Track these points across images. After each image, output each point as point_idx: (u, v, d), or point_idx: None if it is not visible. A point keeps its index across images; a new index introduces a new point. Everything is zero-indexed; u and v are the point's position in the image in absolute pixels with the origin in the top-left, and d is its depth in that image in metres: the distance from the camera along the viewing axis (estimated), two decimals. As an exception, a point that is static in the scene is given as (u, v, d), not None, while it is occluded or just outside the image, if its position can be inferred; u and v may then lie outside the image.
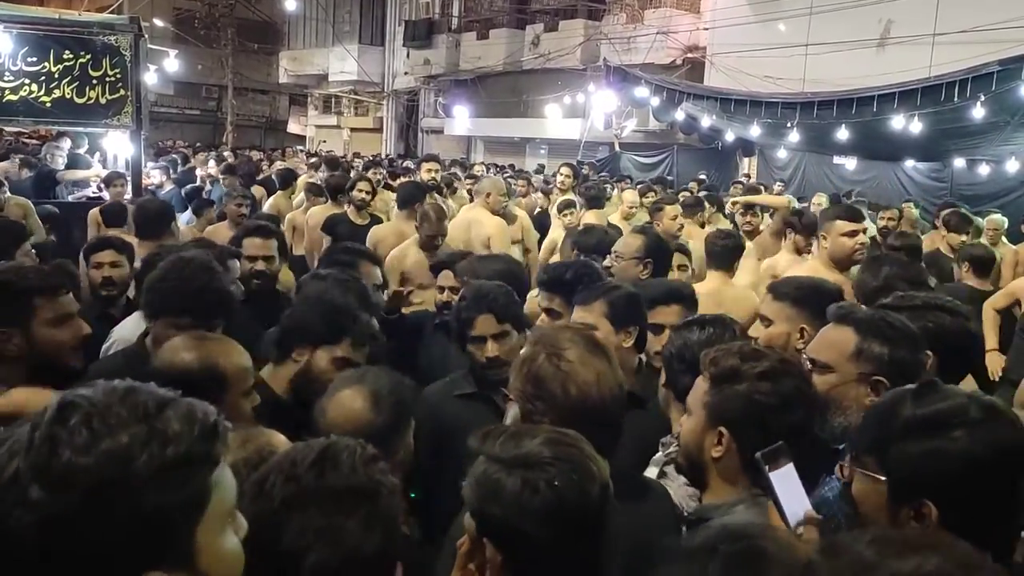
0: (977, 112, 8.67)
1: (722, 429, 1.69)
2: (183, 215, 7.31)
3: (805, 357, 2.05)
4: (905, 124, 9.50)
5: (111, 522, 0.94)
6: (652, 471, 2.14)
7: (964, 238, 6.08)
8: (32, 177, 8.61)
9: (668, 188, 10.46)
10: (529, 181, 10.76)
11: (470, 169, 14.90)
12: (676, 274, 3.95)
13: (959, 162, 12.11)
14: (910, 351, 1.95)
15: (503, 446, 1.35)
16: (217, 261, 2.78)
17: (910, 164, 13.08)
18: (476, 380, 2.63)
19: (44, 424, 0.96)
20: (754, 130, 12.05)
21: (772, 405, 1.67)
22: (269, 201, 8.55)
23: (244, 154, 18.36)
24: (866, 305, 2.50)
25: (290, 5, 23.07)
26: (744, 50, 15.41)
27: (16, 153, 9.93)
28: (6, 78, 6.98)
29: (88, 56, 7.20)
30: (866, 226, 3.95)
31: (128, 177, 7.90)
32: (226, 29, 28.27)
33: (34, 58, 7.04)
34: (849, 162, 14.04)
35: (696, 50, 17.89)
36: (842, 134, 10.45)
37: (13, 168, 8.72)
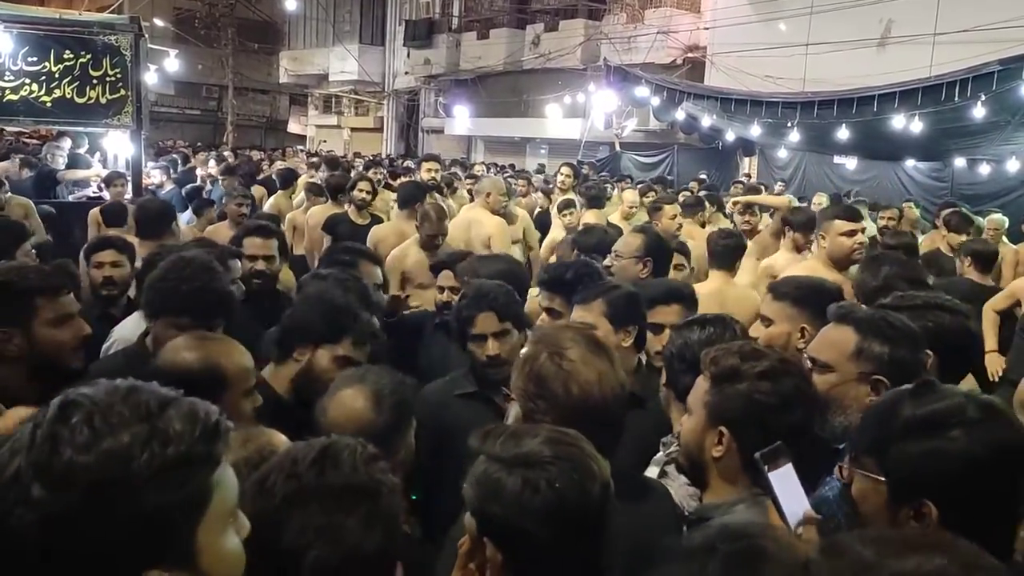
0: (978, 112, 8.67)
1: (722, 429, 1.69)
2: (183, 215, 7.30)
3: (805, 357, 2.06)
4: (906, 124, 9.50)
5: (112, 521, 0.94)
6: (653, 471, 2.14)
7: (964, 238, 6.08)
8: (32, 177, 8.59)
9: (668, 188, 10.46)
10: (529, 181, 10.76)
11: (470, 169, 14.90)
12: (673, 273, 3.94)
13: (960, 162, 12.11)
14: (910, 350, 1.95)
15: (503, 445, 1.35)
16: (218, 261, 2.78)
17: (911, 164, 13.08)
18: (477, 379, 2.63)
19: (46, 423, 0.96)
20: (754, 130, 12.05)
21: (772, 405, 1.67)
22: (270, 201, 8.55)
23: (244, 154, 18.37)
24: (866, 305, 2.50)
25: (290, 5, 23.02)
26: (744, 50, 15.40)
27: (16, 153, 9.91)
28: (7, 78, 6.98)
29: (88, 56, 7.20)
30: (864, 226, 3.94)
31: (128, 177, 7.90)
32: (226, 29, 28.27)
33: (35, 58, 7.05)
34: (850, 162, 14.04)
35: (696, 50, 17.89)
36: (843, 134, 10.45)
37: (13, 168, 8.70)
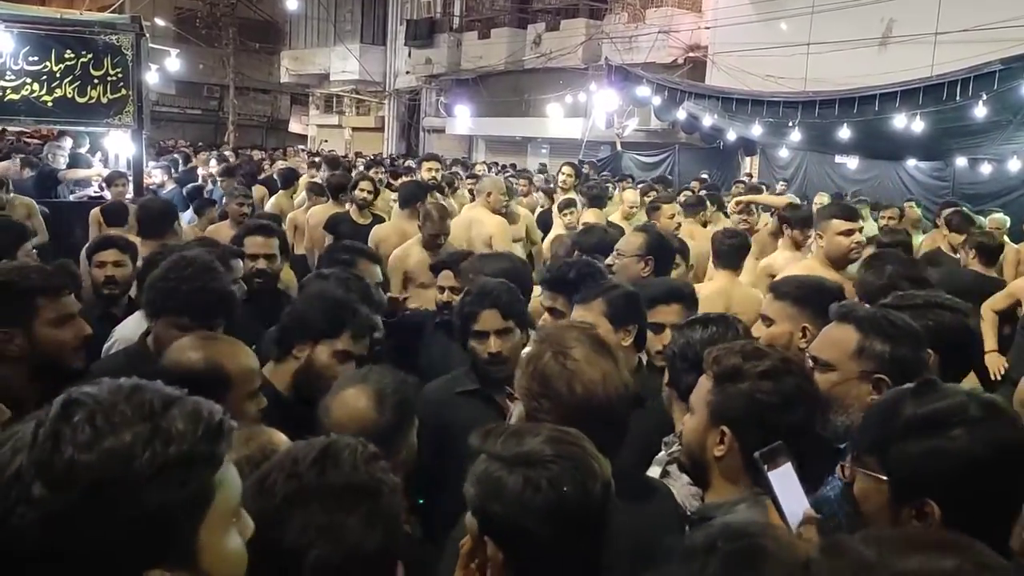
0: (979, 111, 8.66)
1: (724, 428, 1.69)
2: (184, 214, 7.29)
3: (807, 356, 2.05)
4: (907, 123, 9.49)
5: (113, 520, 0.93)
6: (655, 470, 2.14)
7: (964, 237, 6.08)
8: (34, 177, 8.59)
9: (668, 188, 10.47)
10: (530, 180, 10.77)
11: (472, 169, 14.90)
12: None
13: (961, 161, 12.10)
14: (912, 349, 1.95)
15: (504, 444, 1.35)
16: (220, 261, 2.78)
17: (912, 163, 13.08)
18: (478, 377, 2.63)
19: (48, 421, 0.96)
20: (756, 129, 12.04)
21: (774, 404, 1.67)
22: (271, 200, 8.55)
23: (246, 153, 18.39)
24: (870, 304, 2.50)
25: (291, 4, 23.00)
26: (746, 49, 15.39)
27: (17, 152, 9.92)
28: (8, 77, 6.99)
29: (90, 55, 7.21)
30: (862, 225, 3.95)
31: (130, 177, 7.90)
32: (227, 28, 28.29)
33: (36, 57, 7.06)
34: (851, 161, 14.03)
35: (698, 49, 17.89)
36: (844, 133, 10.44)
37: (15, 168, 8.70)
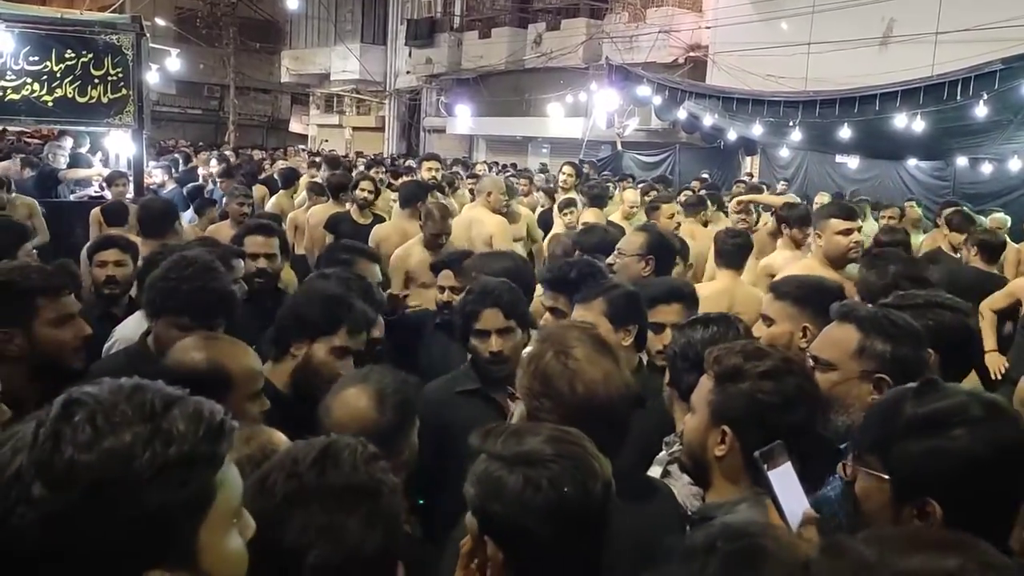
0: (980, 111, 8.66)
1: (725, 428, 1.69)
2: (185, 214, 7.30)
3: (808, 356, 2.05)
4: (908, 123, 9.49)
5: (112, 520, 0.93)
6: (656, 470, 2.14)
7: (965, 237, 6.07)
8: (34, 176, 8.60)
9: (668, 187, 10.47)
10: (531, 180, 10.77)
11: (472, 168, 14.90)
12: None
13: (962, 161, 12.09)
14: (913, 348, 1.95)
15: (505, 444, 1.35)
16: (221, 261, 2.78)
17: (912, 163, 13.07)
18: (479, 376, 2.62)
19: (49, 421, 0.96)
20: (756, 129, 12.04)
21: (774, 404, 1.66)
22: (272, 200, 8.55)
23: (246, 153, 18.40)
24: (872, 303, 2.50)
25: (292, 4, 22.95)
26: (746, 49, 15.39)
27: (18, 152, 9.93)
28: (8, 77, 6.99)
29: (90, 55, 7.21)
30: (861, 224, 3.95)
31: (130, 176, 7.91)
32: (228, 28, 28.28)
33: (36, 57, 7.05)
34: (851, 161, 14.03)
35: (698, 49, 17.89)
36: (844, 133, 10.43)
37: (15, 167, 8.71)
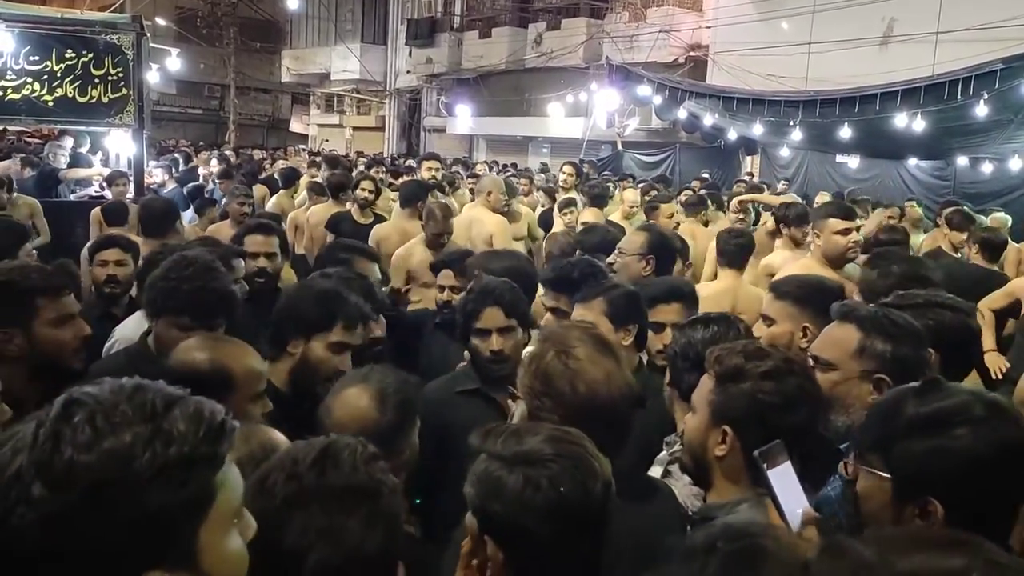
0: (980, 110, 8.65)
1: (726, 428, 1.69)
2: (185, 214, 7.30)
3: (808, 355, 2.05)
4: (908, 122, 9.48)
5: (112, 521, 0.93)
6: (657, 470, 2.14)
7: (966, 236, 6.07)
8: (34, 176, 8.60)
9: (668, 187, 10.48)
10: (531, 180, 10.77)
11: (472, 168, 14.90)
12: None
13: (962, 160, 12.08)
14: (913, 348, 1.94)
15: (505, 444, 1.34)
16: (222, 260, 2.78)
17: (913, 162, 13.06)
18: (479, 376, 2.62)
19: (49, 421, 0.96)
20: (757, 128, 12.03)
21: (775, 404, 1.66)
22: (272, 200, 8.56)
23: (246, 153, 18.40)
24: (874, 303, 2.49)
25: (292, 4, 22.95)
26: (747, 48, 15.39)
27: (18, 152, 9.93)
28: (8, 77, 6.99)
29: (90, 55, 7.20)
30: (859, 224, 3.96)
31: (130, 176, 7.91)
32: (228, 28, 28.27)
33: (36, 57, 7.05)
34: (852, 160, 14.02)
35: (699, 48, 17.88)
36: (845, 132, 10.43)
37: (15, 167, 8.71)
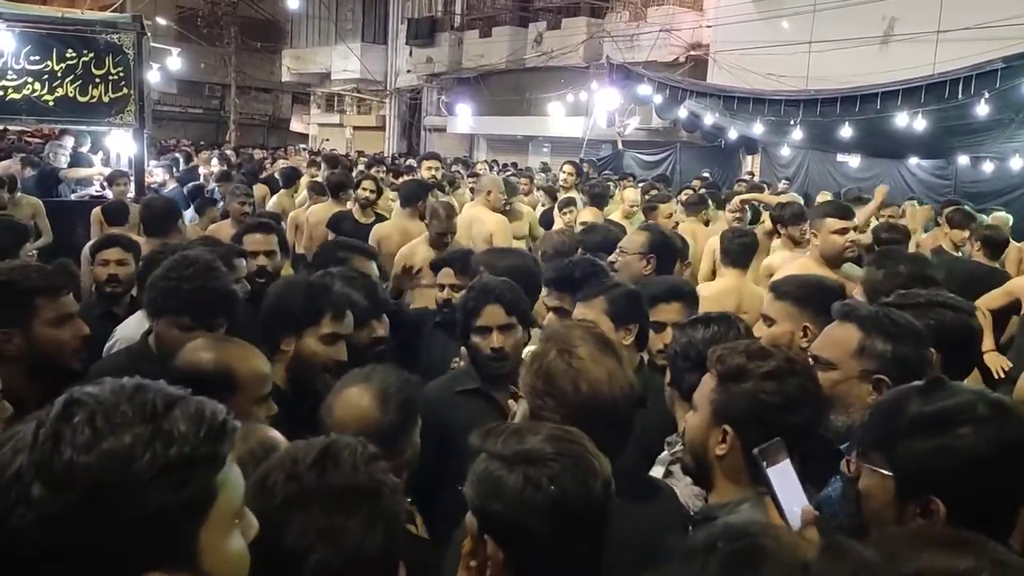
0: (981, 109, 8.65)
1: (727, 427, 1.68)
2: (186, 213, 7.30)
3: (808, 355, 2.05)
4: (909, 121, 9.48)
5: (112, 522, 0.93)
6: (658, 470, 2.14)
7: (967, 234, 6.06)
8: (35, 176, 8.61)
9: (668, 187, 10.48)
10: (531, 179, 10.78)
11: (473, 167, 14.91)
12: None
13: (963, 159, 12.07)
14: (914, 348, 1.94)
15: (505, 443, 1.34)
16: (223, 260, 2.78)
17: (914, 161, 13.05)
18: (479, 375, 2.62)
19: (49, 421, 0.96)
20: (757, 128, 12.04)
21: (777, 404, 1.66)
22: (273, 199, 8.56)
23: (247, 152, 18.41)
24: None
25: (293, 3, 22.97)
26: (747, 47, 15.38)
27: (19, 152, 9.93)
28: (9, 77, 6.98)
29: (91, 55, 7.19)
30: (857, 223, 3.96)
31: (131, 176, 7.91)
32: (229, 27, 28.28)
33: (37, 57, 7.04)
34: (853, 160, 14.01)
35: (699, 48, 17.88)
36: (846, 132, 10.43)
37: (15, 167, 8.71)
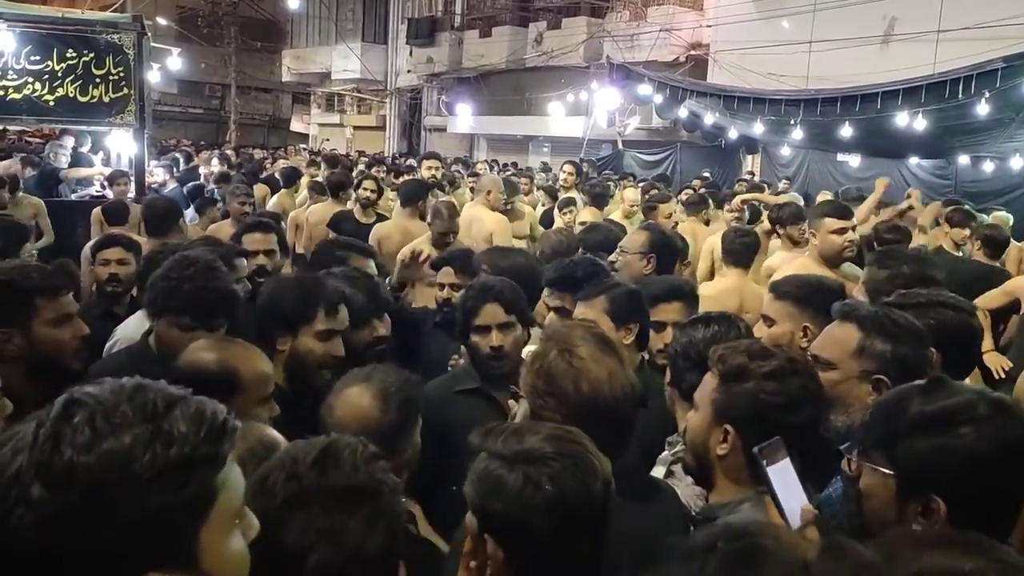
0: (981, 109, 8.65)
1: (728, 427, 1.69)
2: (186, 213, 7.30)
3: (808, 355, 2.05)
4: (909, 121, 9.48)
5: (112, 522, 0.93)
6: (659, 470, 2.14)
7: (967, 233, 6.06)
8: (35, 176, 8.61)
9: (668, 186, 10.48)
10: (532, 179, 10.78)
11: (473, 167, 14.91)
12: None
13: (963, 159, 12.05)
14: (914, 348, 1.94)
15: (505, 442, 1.34)
16: (224, 260, 2.77)
17: (914, 161, 13.03)
18: (478, 375, 2.62)
19: (49, 421, 0.95)
20: (758, 127, 12.03)
21: (778, 404, 1.66)
22: (273, 199, 8.57)
23: (247, 152, 18.40)
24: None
25: (293, 3, 22.95)
26: (747, 47, 15.37)
27: (19, 152, 9.93)
28: (10, 77, 6.97)
29: (91, 55, 7.19)
30: (855, 223, 3.97)
31: (132, 176, 7.91)
32: (229, 27, 28.28)
33: (37, 57, 7.03)
34: (853, 159, 13.99)
35: (699, 47, 17.86)
36: (846, 131, 10.43)
37: (16, 167, 8.71)
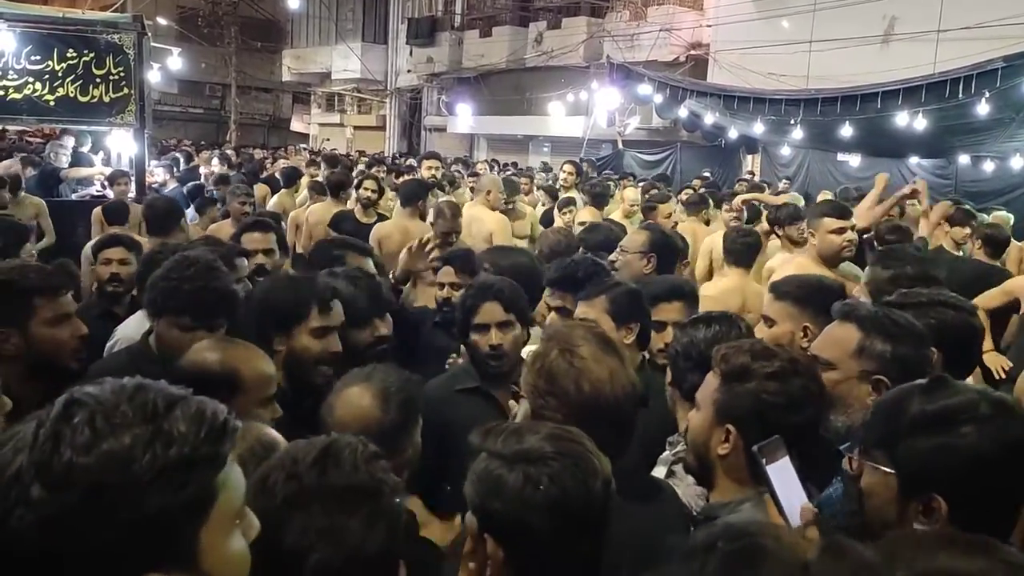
0: (982, 108, 8.65)
1: (729, 426, 1.69)
2: (187, 212, 7.29)
3: (809, 355, 2.05)
4: (909, 121, 9.49)
5: (112, 523, 0.92)
6: (660, 470, 2.14)
7: (967, 232, 6.06)
8: (36, 176, 8.62)
9: (668, 186, 10.48)
10: (532, 179, 10.78)
11: (473, 167, 14.91)
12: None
13: (964, 159, 12.05)
14: (914, 348, 1.94)
15: (505, 442, 1.34)
16: (224, 260, 2.77)
17: (914, 161, 13.03)
18: (479, 373, 2.62)
19: (49, 421, 0.95)
20: (758, 127, 12.03)
21: (779, 404, 1.66)
22: (274, 199, 8.57)
23: (248, 152, 18.41)
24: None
25: (293, 3, 22.95)
26: (748, 47, 15.37)
27: (19, 151, 9.93)
28: (10, 76, 6.98)
29: (92, 54, 7.19)
30: (854, 223, 3.97)
31: (132, 175, 7.92)
32: (229, 27, 28.29)
33: (38, 56, 7.04)
34: (853, 159, 13.99)
35: (699, 47, 17.86)
36: (846, 131, 10.43)
37: (16, 166, 8.71)
